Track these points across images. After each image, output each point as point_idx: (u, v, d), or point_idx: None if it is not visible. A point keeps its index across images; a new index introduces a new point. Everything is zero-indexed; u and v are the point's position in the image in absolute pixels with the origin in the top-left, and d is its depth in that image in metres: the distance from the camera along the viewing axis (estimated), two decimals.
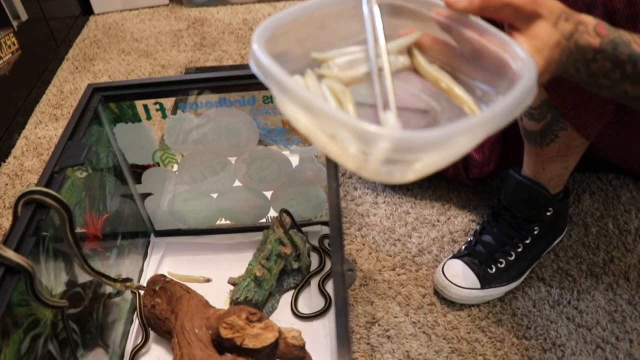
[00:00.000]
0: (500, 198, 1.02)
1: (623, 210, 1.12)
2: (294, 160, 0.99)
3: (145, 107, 0.93)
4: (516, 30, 0.51)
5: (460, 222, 1.12)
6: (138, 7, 1.98)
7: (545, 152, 0.89)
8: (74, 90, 1.58)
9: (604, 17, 0.64)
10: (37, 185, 0.72)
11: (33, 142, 1.41)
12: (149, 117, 0.94)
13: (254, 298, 0.95)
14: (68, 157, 0.76)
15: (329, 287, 1.00)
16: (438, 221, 1.13)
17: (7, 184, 1.28)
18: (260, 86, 0.90)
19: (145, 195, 1.04)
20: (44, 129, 1.45)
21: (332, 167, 0.71)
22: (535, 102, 0.84)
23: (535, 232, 0.99)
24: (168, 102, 0.94)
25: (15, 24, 1.48)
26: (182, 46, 1.73)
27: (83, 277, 0.83)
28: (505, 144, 1.06)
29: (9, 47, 1.44)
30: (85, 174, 0.86)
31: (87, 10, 1.96)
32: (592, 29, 0.55)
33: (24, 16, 1.53)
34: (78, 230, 0.82)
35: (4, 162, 1.35)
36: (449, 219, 1.13)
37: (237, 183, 1.03)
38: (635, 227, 1.09)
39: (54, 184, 0.74)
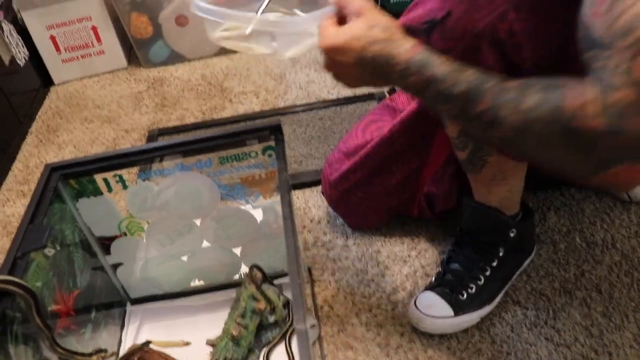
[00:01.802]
0: (461, 226, 1.04)
1: (588, 222, 1.15)
2: (258, 214, 1.00)
3: (105, 180, 0.94)
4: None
5: (431, 255, 1.14)
6: (97, 73, 2.00)
7: (483, 177, 0.92)
8: (39, 164, 1.58)
9: (492, 46, 0.69)
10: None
11: (2, 221, 1.40)
12: (110, 190, 0.95)
13: (233, 357, 0.95)
14: (30, 241, 0.77)
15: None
16: (409, 256, 1.14)
17: None
18: (215, 148, 0.93)
19: (116, 266, 1.05)
20: (12, 206, 1.45)
21: (289, 223, 0.72)
22: (453, 133, 0.88)
23: (501, 254, 1.01)
24: (127, 172, 0.95)
25: None
26: (144, 108, 1.75)
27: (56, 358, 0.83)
28: (462, 174, 1.09)
29: None
30: (51, 252, 0.86)
31: (47, 82, 1.98)
32: (408, 46, 0.65)
33: None
34: (50, 309, 0.82)
35: None
36: (419, 253, 1.14)
37: (205, 243, 1.03)
38: (602, 238, 1.12)
39: (18, 270, 0.74)
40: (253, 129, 0.92)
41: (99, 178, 0.94)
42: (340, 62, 0.71)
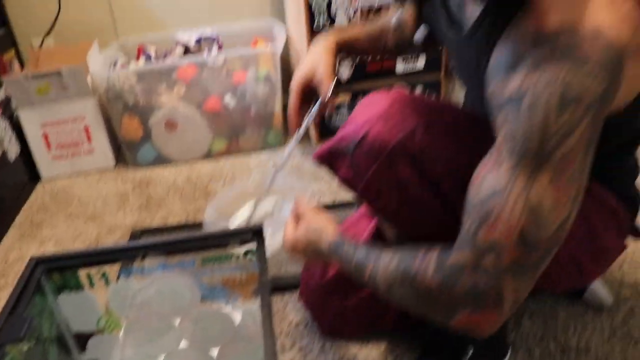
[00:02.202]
0: (430, 328, 1.05)
1: (562, 328, 1.17)
2: (237, 316, 1.02)
3: (89, 275, 0.96)
4: None
5: None
6: (85, 171, 2.05)
7: None
8: (19, 258, 1.59)
9: (406, 161, 0.79)
10: None
11: None
12: (92, 285, 0.97)
13: None
14: (8, 332, 0.77)
15: None
16: None
17: None
18: (197, 249, 0.96)
19: None
20: None
21: (268, 327, 0.74)
22: (391, 237, 0.96)
23: (470, 353, 1.02)
24: (110, 269, 0.97)
25: None
26: (129, 208, 1.78)
27: None
28: None
29: None
30: (26, 347, 0.86)
31: (35, 177, 2.02)
32: (328, 237, 0.85)
33: None
34: None
35: None
36: (396, 357, 1.15)
37: (183, 343, 1.04)
38: (576, 342, 1.13)
39: None
40: (235, 232, 0.96)
41: (82, 273, 0.96)
42: (296, 250, 0.93)
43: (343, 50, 1.06)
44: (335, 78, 0.99)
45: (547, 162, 0.62)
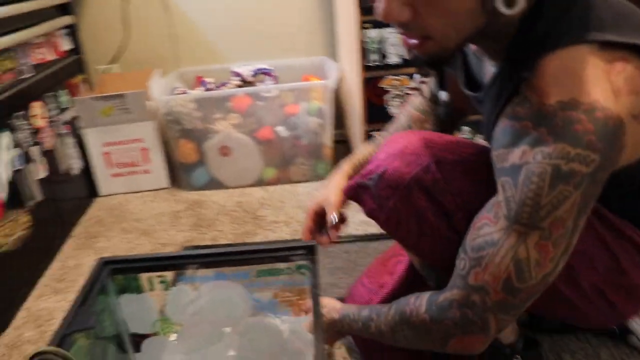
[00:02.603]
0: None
1: None
2: (285, 330, 1.06)
3: (150, 279, 1.02)
4: None
5: None
6: (141, 190, 2.15)
7: None
8: (77, 265, 1.67)
9: (422, 192, 0.86)
10: (49, 345, 0.78)
11: (34, 315, 1.47)
12: (151, 289, 1.03)
13: None
14: (79, 322, 0.84)
15: None
16: None
17: (4, 354, 1.32)
18: (252, 262, 1.01)
19: None
20: (46, 301, 1.52)
21: (319, 334, 0.78)
22: (418, 266, 0.99)
23: None
24: (169, 275, 1.03)
25: (30, 203, 1.62)
26: (180, 226, 1.86)
27: None
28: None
29: (23, 224, 1.57)
30: (89, 341, 0.92)
31: (94, 193, 2.13)
32: (336, 313, 1.00)
33: (39, 197, 1.67)
34: None
35: (3, 333, 1.40)
36: None
37: (231, 353, 1.08)
38: None
39: (65, 346, 0.80)
40: (290, 247, 1.01)
41: (143, 277, 1.02)
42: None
43: None
44: (338, 211, 1.10)
45: (536, 228, 0.70)
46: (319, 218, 1.14)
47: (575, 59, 0.68)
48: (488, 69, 0.86)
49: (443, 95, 0.96)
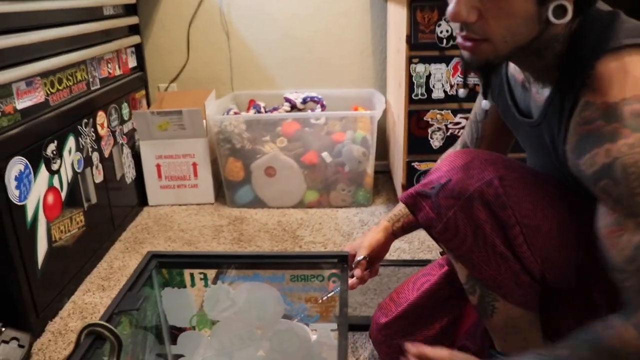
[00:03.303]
0: None
1: None
2: (313, 335, 1.12)
3: (192, 275, 1.10)
4: None
5: None
6: (187, 203, 2.26)
7: (495, 324, 0.99)
8: (122, 266, 1.77)
9: (483, 205, 0.89)
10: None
11: (79, 307, 1.56)
12: (193, 285, 1.11)
13: None
14: (127, 303, 0.92)
15: None
16: None
17: (50, 340, 1.41)
18: (288, 266, 1.08)
19: (177, 357, 1.16)
20: (92, 296, 1.61)
21: (343, 347, 0.84)
22: (463, 278, 1.00)
23: None
24: (210, 273, 1.11)
25: (86, 205, 1.73)
26: (222, 239, 1.95)
27: None
28: None
29: (77, 223, 1.68)
30: (132, 329, 1.00)
31: (143, 202, 2.24)
32: None
33: (94, 199, 1.79)
34: None
35: (51, 321, 1.50)
36: None
37: (260, 353, 1.14)
38: None
39: (113, 322, 0.88)
40: (323, 255, 1.08)
41: (187, 272, 1.10)
42: None
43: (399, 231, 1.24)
44: (363, 255, 1.16)
45: None
46: (352, 260, 1.19)
47: (627, 60, 0.76)
48: (536, 97, 0.92)
49: (485, 105, 1.01)
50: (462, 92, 1.11)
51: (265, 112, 2.34)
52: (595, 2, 0.82)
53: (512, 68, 1.00)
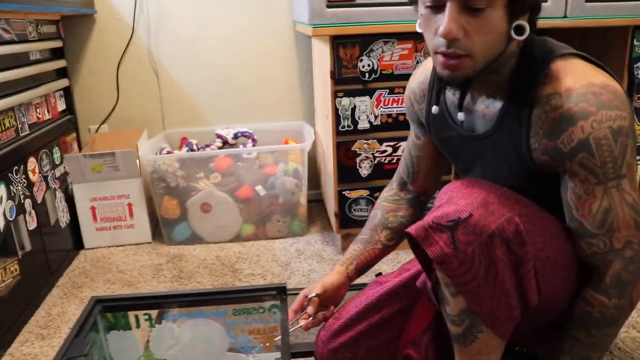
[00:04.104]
0: None
1: None
2: None
3: (137, 317, 1.13)
4: None
5: None
6: (124, 244, 2.25)
7: (470, 350, 1.05)
8: (61, 313, 1.75)
9: (502, 242, 0.93)
10: None
11: (17, 359, 1.54)
12: (138, 326, 1.14)
13: None
14: (74, 350, 0.94)
15: None
16: None
17: None
18: (229, 301, 1.13)
19: None
20: (30, 346, 1.59)
21: None
22: (454, 311, 1.03)
23: None
24: (154, 313, 1.14)
25: (20, 253, 1.72)
26: (162, 278, 1.96)
27: None
28: (440, 341, 1.24)
29: (12, 272, 1.66)
30: None
31: (79, 245, 2.23)
32: None
33: (28, 247, 1.77)
34: None
35: None
36: None
37: None
38: None
39: None
40: (263, 288, 1.13)
41: (131, 314, 1.13)
42: None
43: (353, 273, 1.28)
44: (315, 293, 1.21)
45: (621, 177, 0.93)
46: (304, 300, 1.23)
47: (572, 61, 0.97)
48: (485, 112, 1.05)
49: (460, 116, 1.08)
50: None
51: (198, 149, 2.38)
52: (536, 24, 0.97)
53: (450, 95, 1.11)
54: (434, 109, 1.11)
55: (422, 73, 1.20)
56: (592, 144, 0.91)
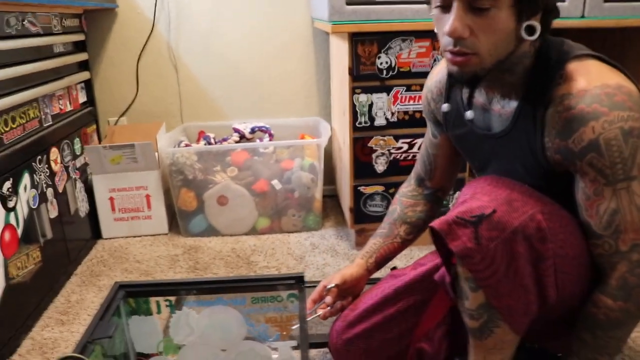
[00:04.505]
0: None
1: None
2: (274, 354, 1.19)
3: (158, 303, 1.16)
4: None
5: None
6: (141, 235, 2.29)
7: (485, 345, 1.06)
8: (80, 300, 1.79)
9: (524, 239, 0.95)
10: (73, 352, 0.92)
11: (39, 343, 1.58)
12: (159, 312, 1.17)
13: None
14: (99, 331, 0.97)
15: None
16: None
17: None
18: (248, 289, 1.15)
19: None
20: (51, 331, 1.63)
21: (305, 349, 0.92)
22: (473, 305, 1.05)
23: None
24: (175, 299, 1.17)
25: (42, 240, 1.76)
26: (178, 268, 2.00)
27: None
28: (453, 335, 1.27)
29: (34, 259, 1.70)
30: (104, 356, 1.05)
31: (97, 235, 2.27)
32: None
33: (49, 235, 1.81)
34: None
35: (8, 359, 1.51)
36: None
37: None
38: None
39: (87, 352, 0.94)
40: (281, 277, 1.16)
41: (153, 300, 1.16)
42: None
43: (372, 266, 1.31)
44: (334, 283, 1.24)
45: (631, 178, 0.93)
46: (323, 290, 1.26)
47: (587, 62, 0.97)
48: (501, 112, 1.06)
49: (469, 114, 1.11)
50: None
51: (215, 142, 2.42)
52: (551, 25, 0.98)
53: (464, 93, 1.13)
54: (445, 106, 1.14)
55: (439, 72, 1.22)
56: (602, 144, 0.92)
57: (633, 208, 0.94)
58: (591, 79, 0.94)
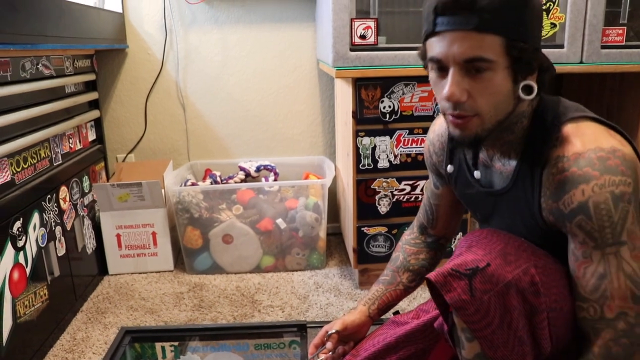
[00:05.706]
0: None
1: None
2: None
3: (163, 348, 1.18)
4: None
5: None
6: (147, 271, 2.32)
7: None
8: (85, 338, 1.81)
9: (517, 292, 0.96)
10: None
11: None
12: (164, 357, 1.19)
13: None
14: None
15: None
16: None
17: None
18: (252, 336, 1.17)
19: None
20: None
21: None
22: (469, 355, 1.06)
23: None
24: (180, 344, 1.19)
25: (49, 278, 1.79)
26: (183, 306, 2.01)
27: None
28: None
29: (41, 297, 1.73)
30: None
31: (103, 271, 2.29)
32: None
33: (57, 272, 1.84)
34: None
35: None
36: None
37: None
38: None
39: None
40: (284, 325, 1.18)
41: (158, 346, 1.18)
42: None
43: (375, 313, 1.34)
44: (335, 329, 1.26)
45: (621, 243, 0.92)
46: (324, 335, 1.29)
47: (582, 124, 0.98)
48: (501, 169, 1.08)
49: (477, 175, 1.12)
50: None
51: (221, 180, 2.45)
52: (547, 84, 1.00)
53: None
54: (449, 168, 1.17)
55: (440, 125, 1.25)
56: (591, 207, 0.92)
57: (621, 274, 0.92)
58: (586, 142, 0.95)
